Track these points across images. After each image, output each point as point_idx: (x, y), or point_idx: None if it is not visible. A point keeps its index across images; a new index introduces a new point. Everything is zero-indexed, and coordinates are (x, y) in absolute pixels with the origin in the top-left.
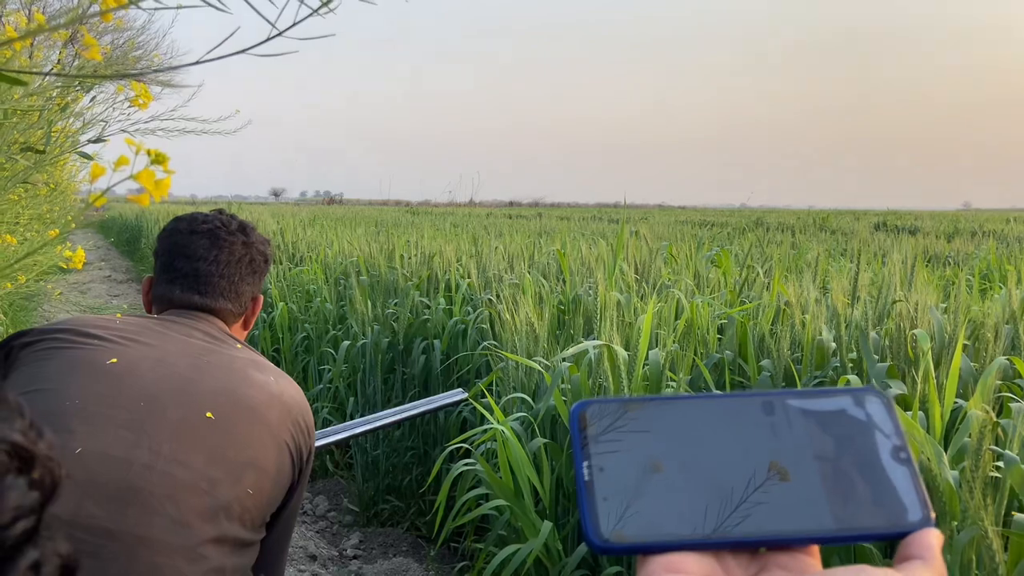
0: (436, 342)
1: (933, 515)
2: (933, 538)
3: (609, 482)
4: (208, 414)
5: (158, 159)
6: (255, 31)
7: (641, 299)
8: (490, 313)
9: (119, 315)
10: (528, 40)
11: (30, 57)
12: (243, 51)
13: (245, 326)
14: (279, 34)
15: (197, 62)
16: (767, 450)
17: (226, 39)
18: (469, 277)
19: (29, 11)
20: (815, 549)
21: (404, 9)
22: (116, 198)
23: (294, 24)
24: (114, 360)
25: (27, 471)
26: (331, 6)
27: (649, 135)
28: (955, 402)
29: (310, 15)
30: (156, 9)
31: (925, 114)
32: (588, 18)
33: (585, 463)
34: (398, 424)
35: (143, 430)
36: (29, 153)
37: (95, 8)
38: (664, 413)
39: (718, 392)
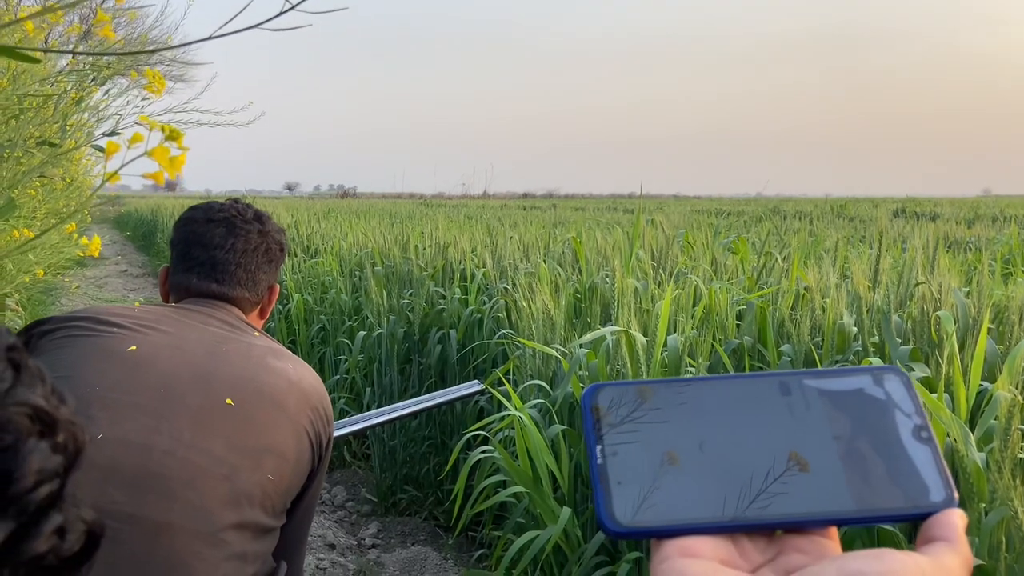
0: (452, 332)
1: (956, 495)
2: (957, 518)
3: (623, 466)
4: (228, 401)
5: (172, 135)
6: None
7: (658, 286)
8: (506, 302)
9: (137, 304)
10: (539, 31)
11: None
12: (255, 26)
13: (262, 315)
14: (292, 8)
15: (210, 37)
16: (785, 435)
17: (238, 14)
18: (484, 267)
19: (44, 1)
20: (834, 531)
21: (414, 2)
22: (131, 194)
23: None
24: (133, 348)
25: (50, 435)
26: None
27: (663, 125)
28: (980, 385)
29: None
30: None
31: (944, 100)
32: (599, 9)
33: (598, 447)
34: (415, 415)
35: (163, 417)
36: (44, 147)
37: None
38: (678, 396)
39: (734, 373)
